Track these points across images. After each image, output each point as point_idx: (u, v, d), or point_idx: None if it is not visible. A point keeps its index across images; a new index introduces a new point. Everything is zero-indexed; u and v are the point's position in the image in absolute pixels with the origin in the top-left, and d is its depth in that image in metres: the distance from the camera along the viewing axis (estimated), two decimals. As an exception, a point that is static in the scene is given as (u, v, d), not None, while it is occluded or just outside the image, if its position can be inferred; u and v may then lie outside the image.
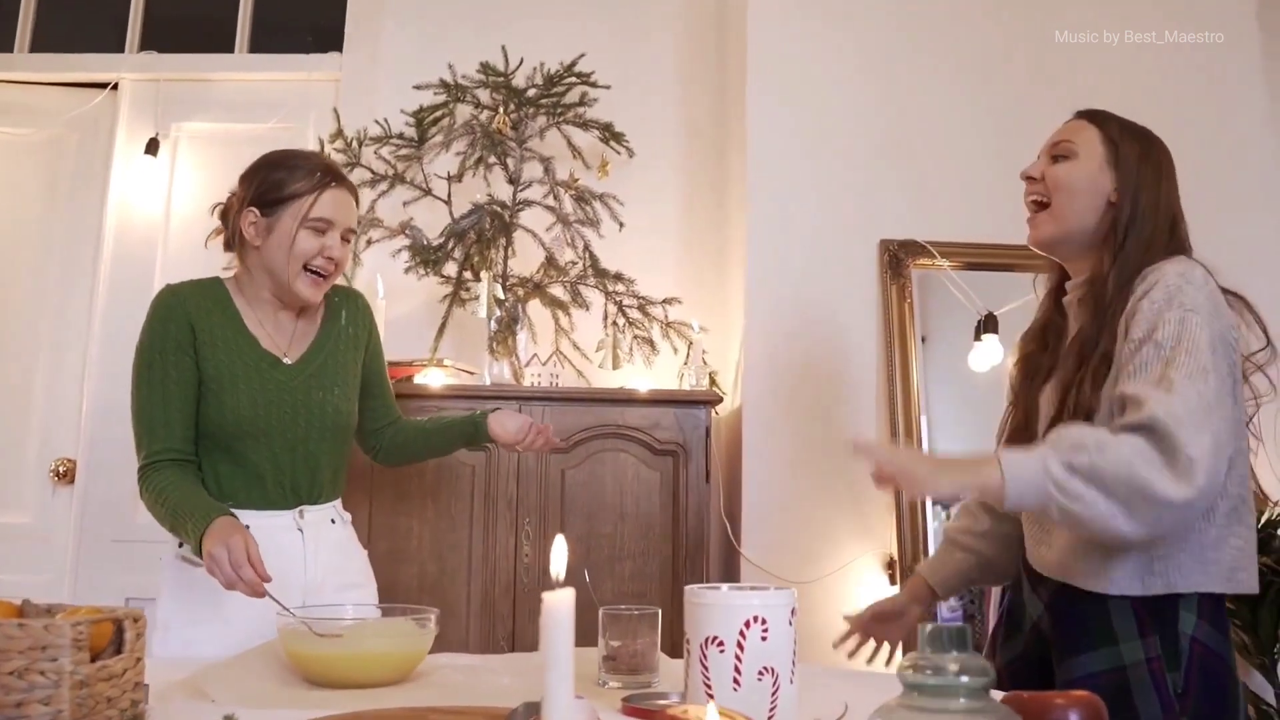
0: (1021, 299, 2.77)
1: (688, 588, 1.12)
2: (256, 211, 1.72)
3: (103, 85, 3.27)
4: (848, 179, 2.85)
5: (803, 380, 2.75)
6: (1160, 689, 1.39)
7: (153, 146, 3.18)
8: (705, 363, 2.73)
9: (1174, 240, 1.54)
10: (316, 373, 1.77)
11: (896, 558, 2.65)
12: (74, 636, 0.93)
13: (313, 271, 1.72)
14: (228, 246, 1.83)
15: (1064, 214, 1.58)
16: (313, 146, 3.00)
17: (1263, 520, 2.64)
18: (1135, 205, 1.53)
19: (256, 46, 3.37)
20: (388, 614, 1.55)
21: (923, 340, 2.78)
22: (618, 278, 2.82)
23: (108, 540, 3.04)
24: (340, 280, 1.88)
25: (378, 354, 1.93)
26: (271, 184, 1.71)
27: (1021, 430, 1.63)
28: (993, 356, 2.75)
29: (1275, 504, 2.66)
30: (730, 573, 2.68)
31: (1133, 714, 1.40)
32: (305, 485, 1.75)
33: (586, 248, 2.82)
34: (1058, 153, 1.62)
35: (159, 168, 3.20)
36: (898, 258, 2.80)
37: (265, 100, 3.25)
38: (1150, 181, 1.55)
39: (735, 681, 1.05)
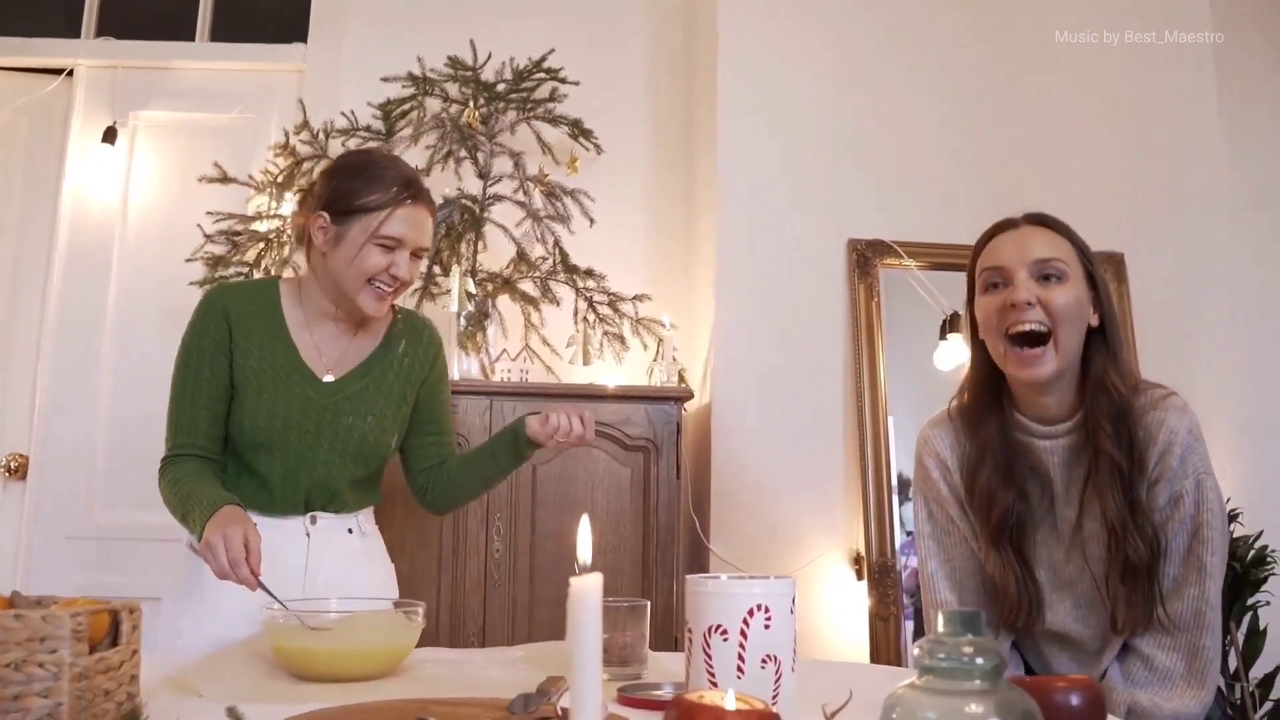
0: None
1: (689, 577, 1.13)
2: (327, 217, 1.66)
3: (58, 71, 3.19)
4: (817, 178, 2.88)
5: (771, 377, 2.78)
6: None
7: (110, 135, 3.11)
8: (675, 359, 2.74)
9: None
10: (353, 396, 1.70)
11: (864, 553, 2.68)
12: (74, 628, 0.91)
13: (377, 287, 1.66)
14: (298, 243, 1.78)
15: (1066, 347, 1.44)
16: (276, 138, 2.96)
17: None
18: (1114, 325, 1.49)
19: (218, 35, 3.31)
20: (374, 608, 1.53)
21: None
22: (588, 273, 2.82)
23: (61, 537, 2.97)
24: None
25: (436, 390, 1.82)
26: (346, 192, 1.65)
27: (1025, 586, 1.54)
28: (957, 355, 2.80)
29: (1227, 499, 2.74)
30: (699, 567, 2.70)
31: None
32: (319, 498, 1.71)
33: (557, 243, 2.82)
34: (1049, 272, 1.44)
35: (116, 157, 3.13)
36: (865, 257, 2.83)
37: (227, 90, 3.19)
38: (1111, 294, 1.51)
39: (739, 669, 1.06)
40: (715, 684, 1.07)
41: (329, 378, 1.70)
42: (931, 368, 2.82)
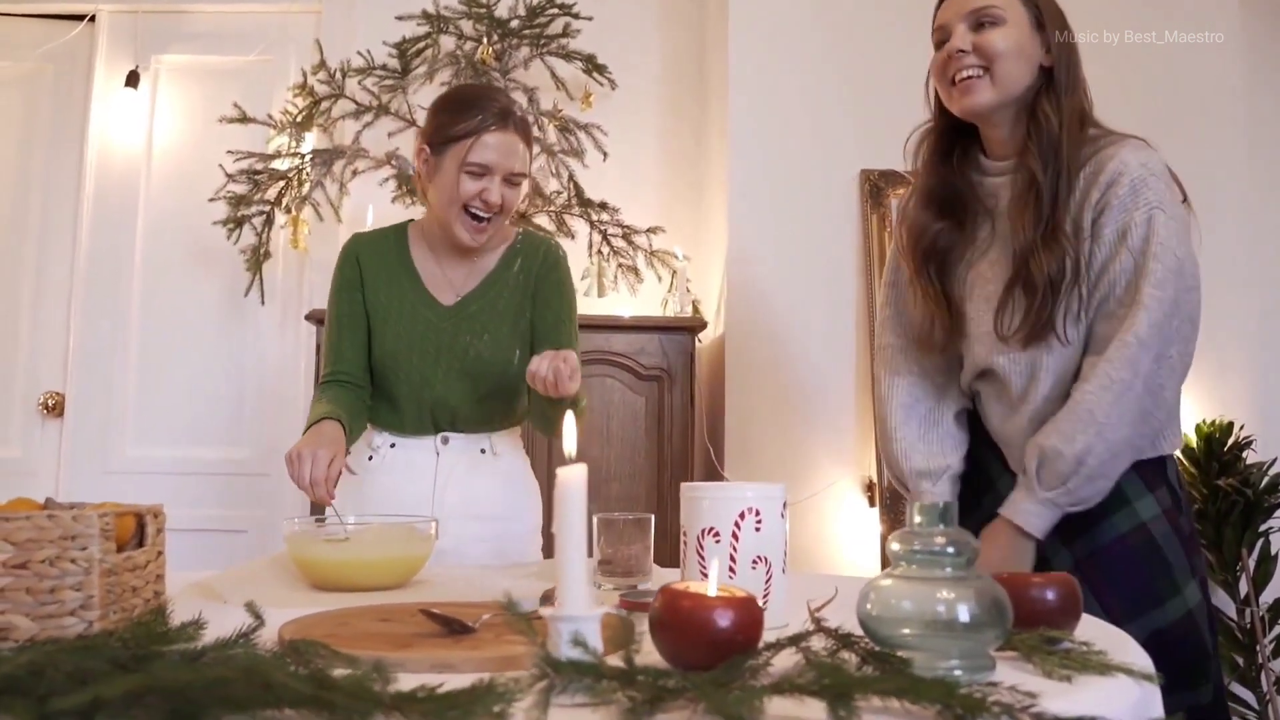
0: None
1: (684, 485, 1.17)
2: (428, 150, 1.74)
3: (79, 17, 3.23)
4: (829, 109, 2.88)
5: (784, 308, 2.80)
6: (1180, 533, 1.48)
7: (133, 79, 3.15)
8: (689, 290, 2.78)
9: (1088, 99, 1.56)
10: (470, 316, 1.78)
11: (875, 480, 2.72)
12: (102, 526, 0.98)
13: (472, 215, 1.71)
14: (417, 186, 1.87)
15: (1005, 81, 1.52)
16: (295, 78, 2.99)
17: (1229, 443, 2.74)
18: (1069, 65, 1.53)
19: (235, -23, 3.33)
20: (391, 523, 1.59)
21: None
22: (602, 207, 2.85)
23: (98, 473, 3.07)
24: (495, 221, 1.77)
25: (548, 305, 1.82)
26: (441, 124, 1.72)
27: (932, 319, 1.62)
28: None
29: (1241, 427, 2.76)
30: (714, 496, 2.75)
31: (1164, 564, 1.46)
32: (444, 418, 1.79)
33: (571, 178, 2.84)
34: (983, 19, 1.54)
35: (139, 100, 3.18)
36: (878, 187, 2.84)
37: (246, 32, 3.22)
38: (1072, 41, 1.56)
39: (731, 570, 1.11)
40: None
41: (452, 300, 1.79)
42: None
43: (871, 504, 2.74)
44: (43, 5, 3.24)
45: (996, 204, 1.59)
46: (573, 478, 0.81)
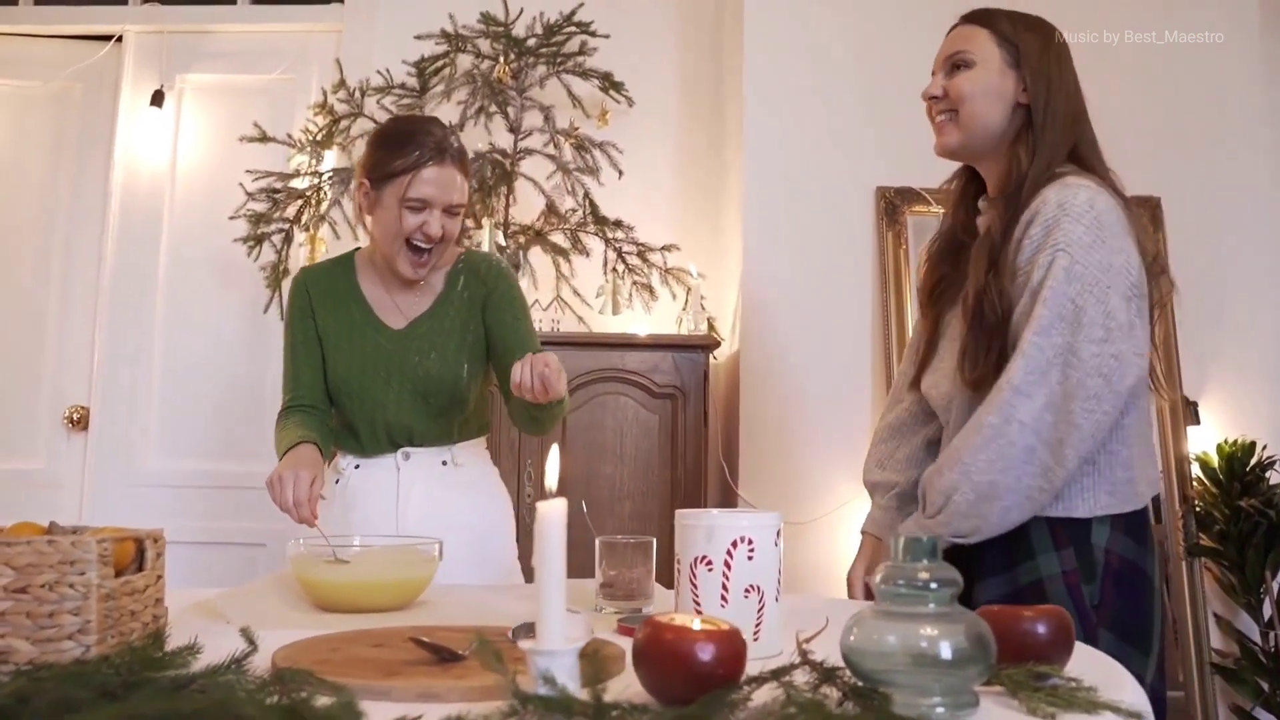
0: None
1: (679, 512, 1.17)
2: (368, 184, 1.77)
3: (107, 37, 3.29)
4: (844, 127, 2.88)
5: (799, 325, 2.80)
6: (1077, 601, 1.40)
7: (158, 98, 3.21)
8: (703, 308, 2.78)
9: (1081, 135, 1.52)
10: (419, 338, 1.81)
11: (890, 499, 2.71)
12: (100, 552, 0.99)
13: (414, 248, 1.74)
14: (356, 210, 1.91)
15: (971, 122, 1.52)
16: (315, 97, 3.03)
17: (1251, 464, 2.71)
18: (1047, 103, 1.50)
19: (259, -3, 3.38)
20: (396, 544, 1.60)
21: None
22: (617, 224, 2.86)
23: (121, 485, 3.11)
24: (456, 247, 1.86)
25: (500, 311, 1.83)
26: (378, 160, 1.75)
27: (929, 348, 1.62)
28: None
29: (1263, 447, 2.72)
30: (728, 514, 2.75)
31: None
32: (403, 437, 1.82)
33: (586, 195, 2.86)
34: (956, 62, 1.56)
35: (164, 119, 3.23)
36: (894, 204, 2.83)
37: (268, 51, 3.27)
38: (1056, 74, 1.52)
39: (723, 599, 1.11)
40: (700, 612, 1.13)
41: (401, 325, 1.83)
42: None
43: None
44: (72, 26, 3.31)
45: None
46: (552, 512, 0.82)
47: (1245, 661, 2.64)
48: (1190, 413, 2.80)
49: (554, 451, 0.87)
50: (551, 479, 0.85)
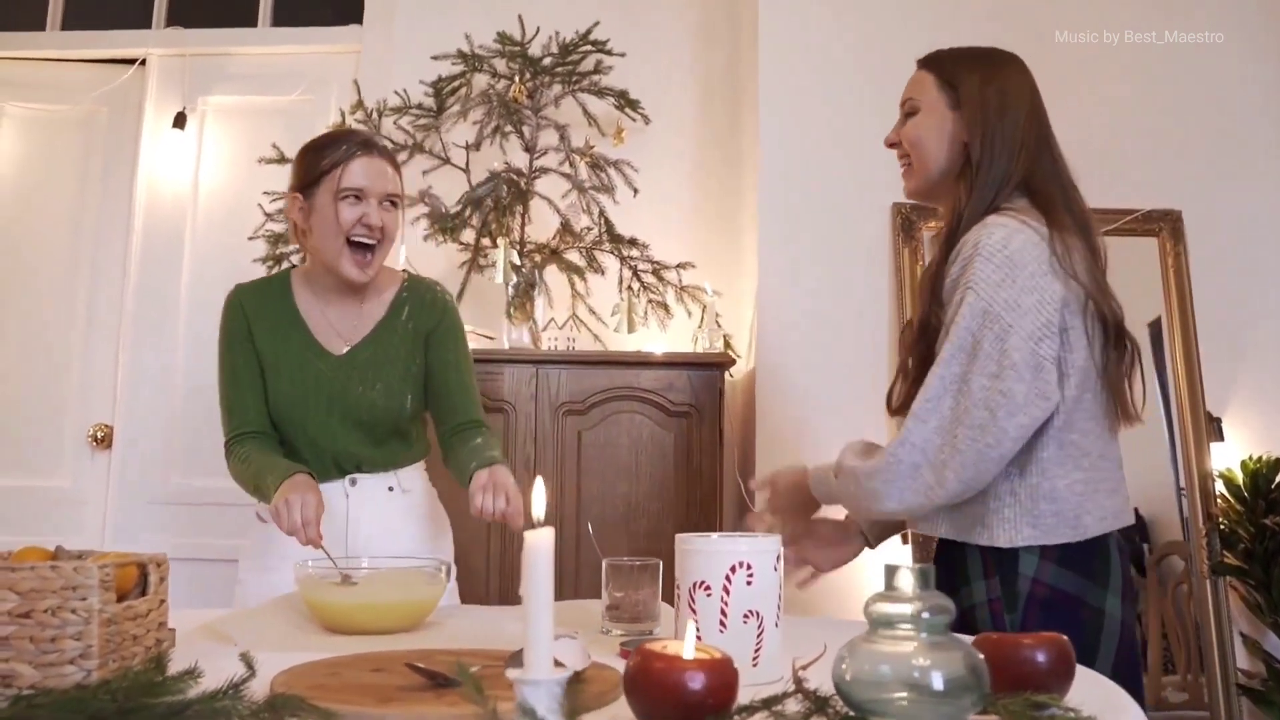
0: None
1: (678, 536, 1.17)
2: (300, 196, 1.77)
3: (131, 61, 3.34)
4: (859, 143, 2.86)
5: (816, 343, 2.79)
6: (999, 628, 1.42)
7: (180, 120, 3.25)
8: (719, 325, 2.78)
9: (1035, 165, 1.52)
10: (361, 365, 1.79)
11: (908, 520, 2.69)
12: (101, 578, 1.00)
13: (356, 244, 1.73)
14: (291, 235, 1.92)
15: (923, 166, 1.59)
16: (334, 118, 3.06)
17: (1276, 480, 2.66)
18: (985, 140, 1.52)
19: (280, 20, 3.43)
20: (402, 566, 1.61)
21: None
22: (632, 243, 2.86)
23: (143, 503, 3.15)
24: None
25: (441, 349, 1.85)
26: (306, 166, 1.76)
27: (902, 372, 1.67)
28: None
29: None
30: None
31: None
32: (350, 463, 1.81)
33: (601, 214, 2.87)
34: (906, 110, 1.63)
35: (187, 141, 3.28)
36: (910, 220, 2.82)
37: (288, 73, 3.31)
38: (995, 111, 1.53)
39: (721, 624, 1.11)
40: (700, 638, 1.12)
41: (341, 350, 1.81)
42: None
43: (905, 541, 2.70)
44: (97, 50, 3.36)
45: None
46: (540, 541, 0.82)
47: (1272, 682, 2.59)
48: (1214, 429, 2.76)
49: (539, 483, 0.87)
50: (538, 509, 0.86)
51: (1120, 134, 2.89)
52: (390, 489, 1.84)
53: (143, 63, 3.34)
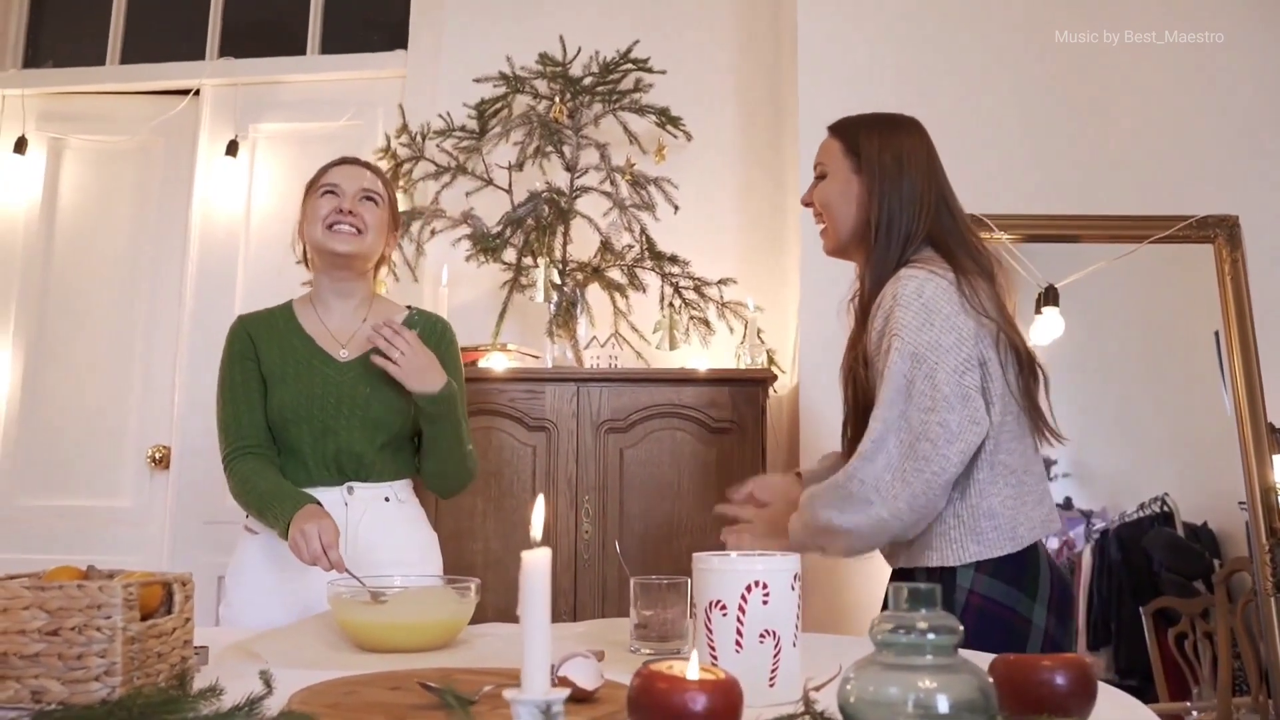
0: (1085, 269, 2.74)
1: (696, 555, 1.17)
2: (301, 216, 1.98)
3: (185, 92, 3.44)
4: (902, 154, 2.84)
5: (860, 357, 2.75)
6: None
7: (232, 148, 3.34)
8: (762, 341, 2.76)
9: (936, 221, 1.64)
10: (366, 369, 1.87)
11: (956, 533, 2.64)
12: (125, 597, 1.03)
13: (334, 225, 1.89)
14: (301, 258, 2.05)
15: (832, 228, 1.72)
16: (380, 143, 3.12)
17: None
18: (882, 202, 1.64)
19: (328, 47, 3.50)
20: (432, 584, 1.63)
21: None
22: (673, 260, 2.86)
23: (200, 522, 3.21)
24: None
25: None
26: (306, 187, 1.99)
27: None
28: (1054, 329, 2.72)
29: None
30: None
31: None
32: (350, 467, 1.87)
33: (643, 231, 2.87)
34: (817, 174, 1.75)
35: (239, 168, 3.36)
36: (954, 233, 2.78)
37: (336, 99, 3.38)
38: (894, 174, 1.65)
39: (737, 644, 1.10)
40: (715, 658, 1.11)
41: (344, 356, 1.90)
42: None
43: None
44: (153, 83, 3.47)
45: None
46: (537, 561, 0.82)
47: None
48: (1276, 441, 2.67)
49: (539, 502, 0.88)
50: (536, 529, 0.86)
51: (1172, 139, 2.83)
52: (386, 499, 1.90)
53: (196, 93, 3.43)
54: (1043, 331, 2.73)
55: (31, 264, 3.42)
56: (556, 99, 2.90)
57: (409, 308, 2.02)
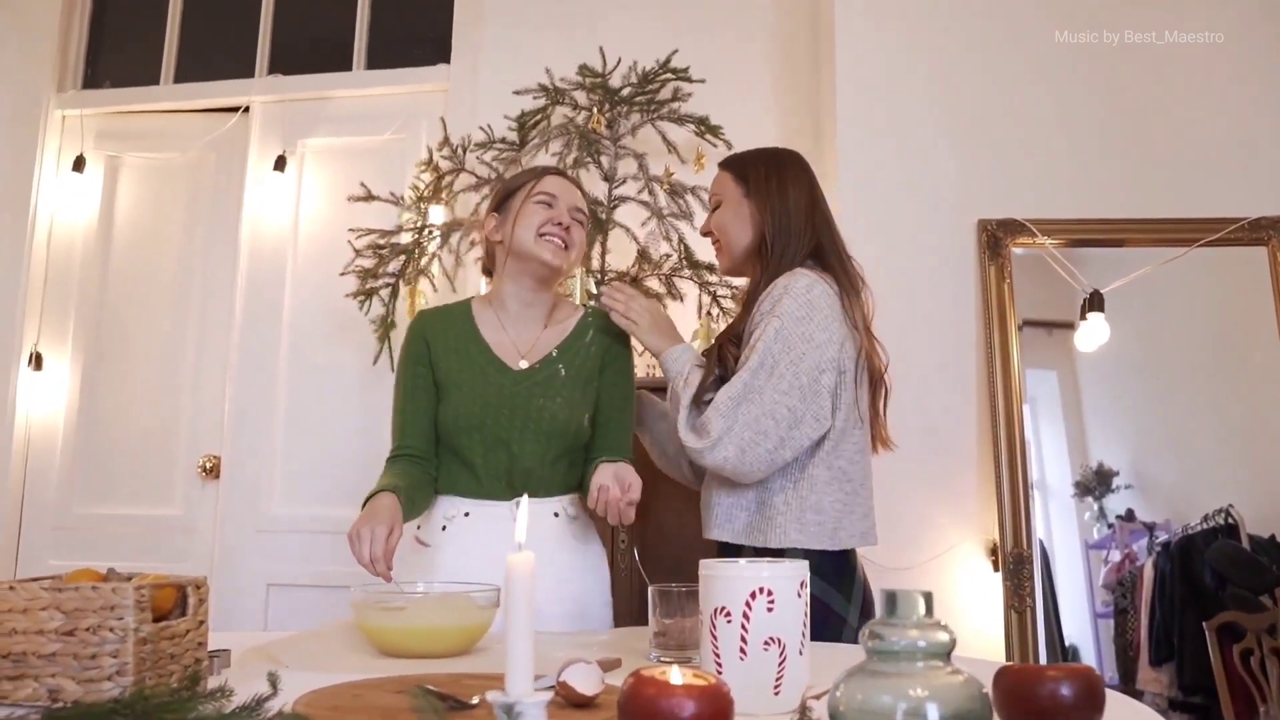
0: (1131, 274, 2.67)
1: (702, 562, 1.16)
2: (495, 215, 1.92)
3: (236, 109, 3.53)
4: (941, 161, 2.81)
5: (900, 364, 2.69)
6: None
7: (280, 163, 3.41)
8: (798, 350, 2.73)
9: (818, 238, 1.81)
10: (543, 381, 1.85)
11: (999, 543, 2.59)
12: (137, 599, 1.05)
13: (549, 236, 1.85)
14: (486, 272, 2.04)
15: (729, 248, 1.90)
16: (423, 155, 3.16)
17: None
18: (774, 218, 1.82)
19: (374, 63, 3.56)
20: (454, 591, 1.63)
21: (1021, 324, 2.70)
22: (711, 269, 2.85)
23: (250, 531, 3.27)
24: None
25: (615, 376, 1.93)
26: (502, 190, 1.95)
27: None
28: (1099, 335, 2.66)
29: None
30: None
31: None
32: (520, 479, 1.83)
33: (680, 240, 2.87)
34: (712, 204, 1.94)
35: (287, 182, 3.43)
36: (996, 237, 2.74)
37: (381, 113, 3.43)
38: (779, 197, 1.83)
39: (741, 651, 1.09)
40: (720, 665, 1.10)
41: (522, 365, 1.87)
42: (1063, 350, 2.69)
43: (995, 568, 2.60)
44: (205, 100, 3.56)
45: None
46: (520, 565, 0.82)
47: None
48: (1335, 450, 2.58)
49: (524, 502, 0.88)
50: (521, 533, 0.86)
51: (1221, 140, 2.76)
52: (555, 515, 1.86)
53: (246, 110, 3.52)
54: (1087, 337, 2.68)
55: (89, 279, 3.53)
56: (594, 110, 2.91)
57: (585, 307, 2.01)
